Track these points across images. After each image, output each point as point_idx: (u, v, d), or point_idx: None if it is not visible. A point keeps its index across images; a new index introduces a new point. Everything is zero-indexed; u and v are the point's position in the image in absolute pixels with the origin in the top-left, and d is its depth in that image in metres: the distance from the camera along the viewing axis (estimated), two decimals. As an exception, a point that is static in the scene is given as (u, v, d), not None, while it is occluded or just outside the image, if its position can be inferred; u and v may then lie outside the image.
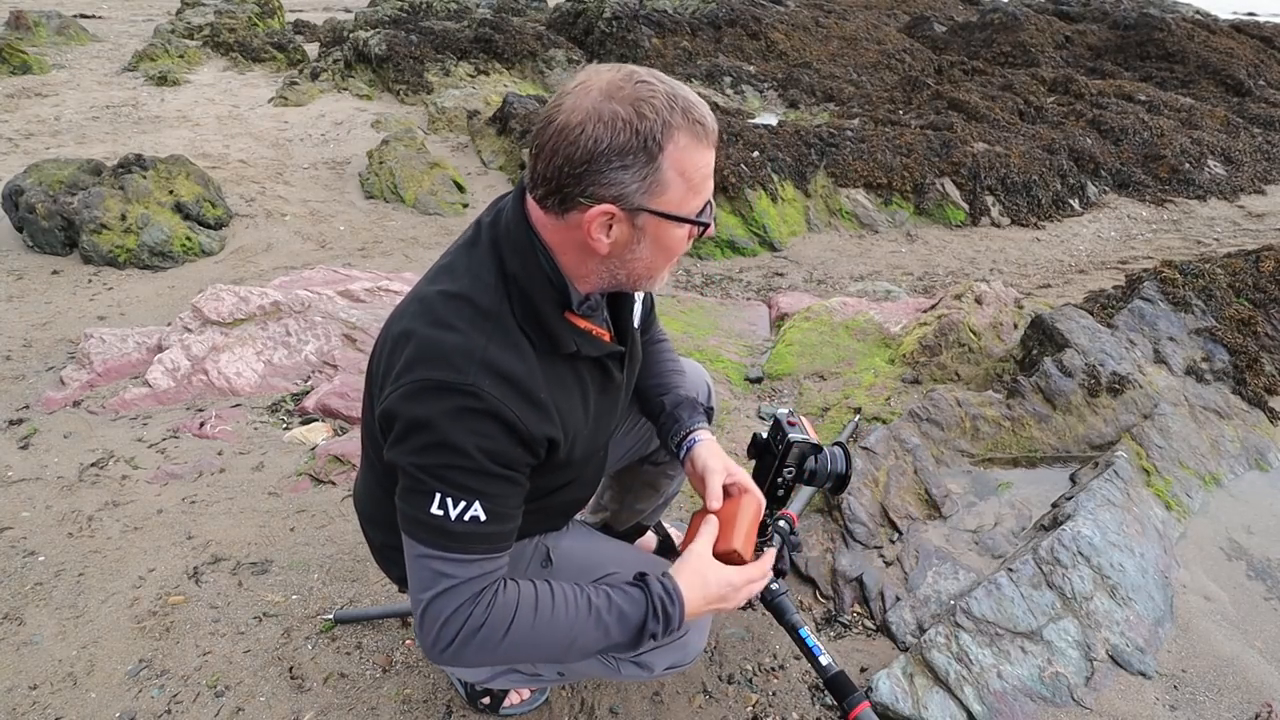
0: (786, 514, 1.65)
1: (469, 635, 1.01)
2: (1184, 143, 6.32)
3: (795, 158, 5.41)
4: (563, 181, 0.96)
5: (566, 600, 1.07)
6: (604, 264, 1.04)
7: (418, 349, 1.00)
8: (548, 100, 0.98)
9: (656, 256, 1.04)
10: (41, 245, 4.15)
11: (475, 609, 1.01)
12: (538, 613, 1.05)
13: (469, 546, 1.01)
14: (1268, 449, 2.34)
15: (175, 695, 1.62)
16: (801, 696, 1.65)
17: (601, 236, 0.99)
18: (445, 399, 0.97)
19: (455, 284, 1.04)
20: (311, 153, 6.00)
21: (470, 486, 0.99)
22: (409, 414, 0.98)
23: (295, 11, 12.91)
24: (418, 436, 0.98)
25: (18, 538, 2.07)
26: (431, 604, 1.01)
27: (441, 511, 0.99)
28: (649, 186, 0.97)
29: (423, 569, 1.02)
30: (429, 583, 1.01)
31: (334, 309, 3.20)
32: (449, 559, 1.01)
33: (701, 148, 0.98)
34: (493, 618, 1.02)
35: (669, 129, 0.94)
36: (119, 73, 8.21)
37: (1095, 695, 1.60)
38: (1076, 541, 1.81)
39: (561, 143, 0.94)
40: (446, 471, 0.98)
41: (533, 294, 1.03)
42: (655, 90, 0.94)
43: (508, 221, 1.06)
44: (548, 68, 7.98)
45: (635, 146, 0.94)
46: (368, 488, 1.30)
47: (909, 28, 10.51)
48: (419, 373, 0.98)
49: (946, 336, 2.79)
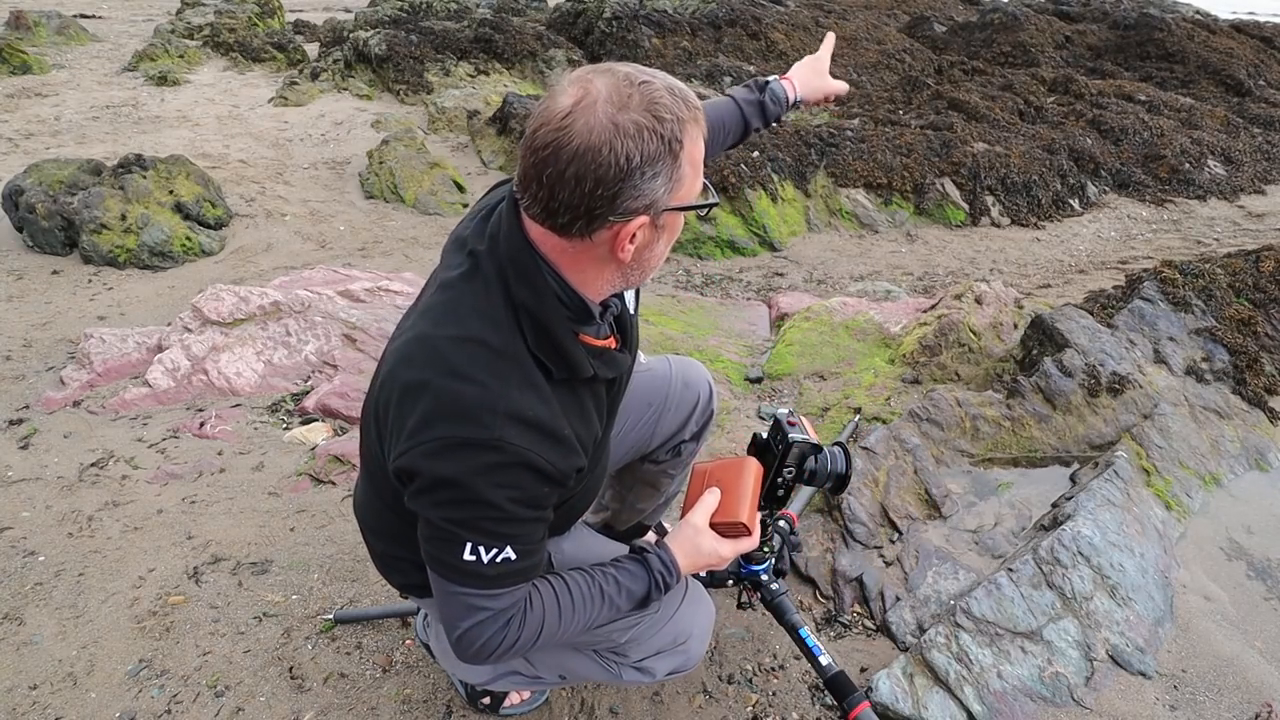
0: (786, 514, 1.66)
1: (505, 650, 1.07)
2: (1184, 143, 6.32)
3: (795, 158, 5.41)
4: (593, 205, 0.91)
5: (582, 594, 1.12)
6: (621, 270, 1.02)
7: (436, 404, 0.96)
8: (538, 123, 0.93)
9: (667, 245, 1.05)
10: (41, 245, 4.15)
11: (509, 630, 1.06)
12: (560, 615, 1.10)
13: (502, 583, 1.03)
14: (1268, 449, 2.34)
15: (175, 695, 1.62)
16: (801, 696, 1.65)
17: (629, 246, 0.97)
18: (472, 457, 0.94)
19: (463, 327, 0.99)
20: (311, 153, 5.99)
21: (502, 533, 1.00)
22: (434, 473, 0.96)
23: (295, 11, 12.91)
24: (445, 492, 0.97)
25: (18, 538, 2.07)
26: (467, 633, 1.05)
27: (474, 558, 1.00)
28: (673, 186, 0.95)
29: (456, 604, 1.05)
30: (463, 615, 1.04)
31: (334, 309, 3.20)
32: (483, 594, 1.03)
33: (700, 132, 0.97)
34: (525, 633, 1.07)
35: (683, 125, 0.93)
36: (119, 73, 8.21)
37: (1095, 695, 1.60)
38: (1076, 541, 1.81)
39: (587, 167, 0.89)
40: (479, 523, 0.99)
41: (545, 320, 0.99)
42: (658, 88, 0.92)
43: (507, 247, 1.00)
44: (548, 68, 7.97)
45: (662, 152, 0.92)
46: (368, 499, 1.29)
47: (909, 28, 10.51)
48: (440, 430, 0.95)
49: (946, 336, 2.79)
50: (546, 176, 0.90)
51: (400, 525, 1.20)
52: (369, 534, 1.33)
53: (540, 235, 0.98)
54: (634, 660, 1.31)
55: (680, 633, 1.30)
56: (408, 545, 1.23)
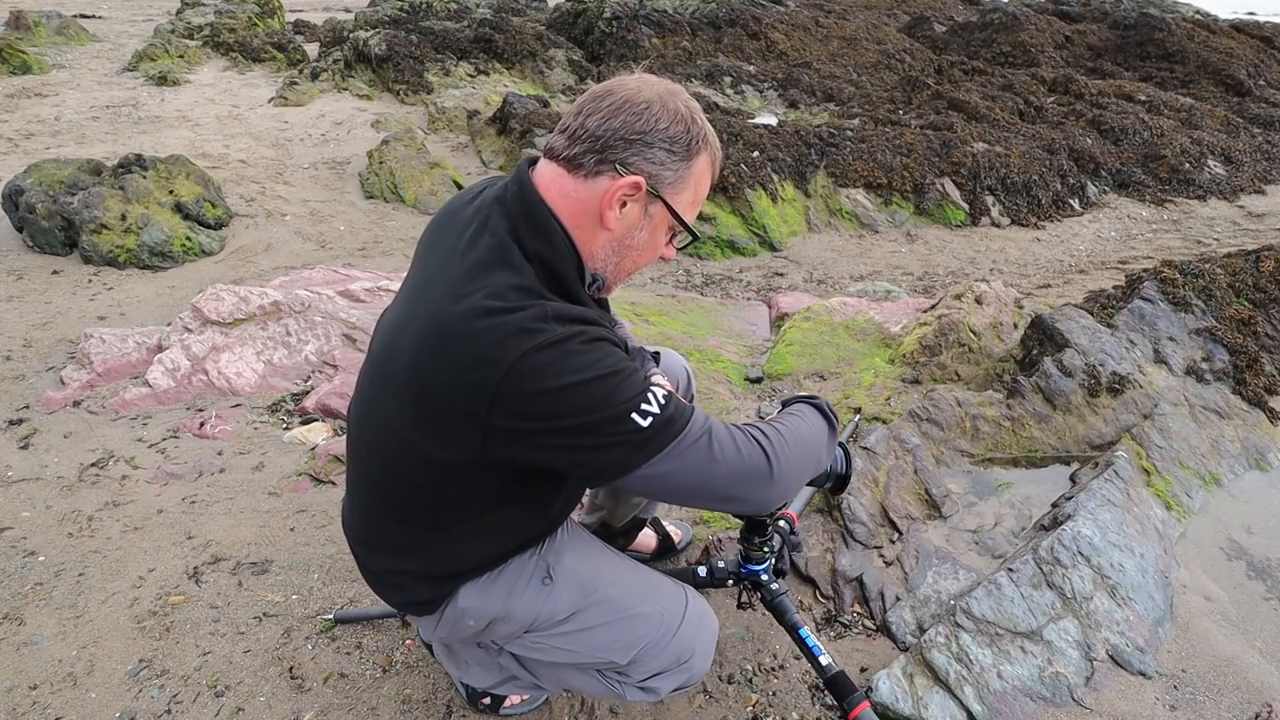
0: (786, 514, 1.66)
1: (774, 449, 1.07)
2: (1184, 143, 6.32)
3: (795, 158, 5.41)
4: (610, 142, 1.03)
5: (780, 419, 1.17)
6: (608, 243, 1.09)
7: (497, 338, 0.96)
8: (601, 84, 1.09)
9: (643, 252, 1.13)
10: (41, 245, 4.15)
11: (751, 435, 1.07)
12: (782, 423, 1.14)
13: (684, 413, 1.02)
14: (1268, 449, 2.34)
15: (175, 695, 1.62)
16: (801, 696, 1.65)
17: (617, 210, 1.06)
18: (560, 356, 0.96)
19: (488, 274, 1.01)
20: (311, 153, 6.00)
21: (639, 382, 1.00)
22: (544, 387, 0.95)
23: (295, 11, 12.91)
24: (572, 396, 0.96)
25: (18, 538, 2.07)
26: (735, 464, 1.04)
27: (649, 418, 0.98)
28: (676, 180, 1.08)
29: (694, 469, 1.02)
30: (708, 461, 1.02)
31: (334, 309, 3.20)
32: (690, 434, 1.01)
33: (711, 174, 1.12)
34: (768, 432, 1.09)
35: (705, 143, 1.09)
36: (119, 73, 8.21)
37: (1095, 695, 1.60)
38: (1076, 541, 1.81)
39: (624, 108, 1.03)
40: (618, 392, 0.98)
41: (558, 267, 1.05)
42: (700, 110, 1.09)
43: (519, 204, 1.06)
44: (548, 68, 7.97)
45: (684, 141, 1.06)
46: (361, 513, 1.26)
47: (909, 28, 10.51)
48: (514, 352, 0.94)
49: (946, 336, 2.79)
50: (587, 107, 1.05)
51: (411, 530, 1.19)
52: (364, 550, 1.30)
53: (549, 178, 1.07)
54: (637, 680, 1.29)
55: (683, 652, 1.28)
56: (410, 556, 1.22)
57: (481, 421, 0.97)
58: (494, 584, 1.24)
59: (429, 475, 1.10)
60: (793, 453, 1.10)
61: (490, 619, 1.25)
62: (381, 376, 1.13)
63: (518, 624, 1.25)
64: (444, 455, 1.04)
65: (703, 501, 1.12)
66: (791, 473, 1.09)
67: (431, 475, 1.09)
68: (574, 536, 1.37)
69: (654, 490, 1.07)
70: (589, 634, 1.26)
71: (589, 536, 1.43)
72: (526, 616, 1.25)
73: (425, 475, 1.10)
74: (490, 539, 1.21)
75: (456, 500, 1.13)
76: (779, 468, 1.06)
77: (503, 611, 1.24)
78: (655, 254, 1.15)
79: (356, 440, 1.23)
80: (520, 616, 1.24)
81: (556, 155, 1.07)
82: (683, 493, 1.07)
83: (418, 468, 1.09)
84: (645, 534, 1.94)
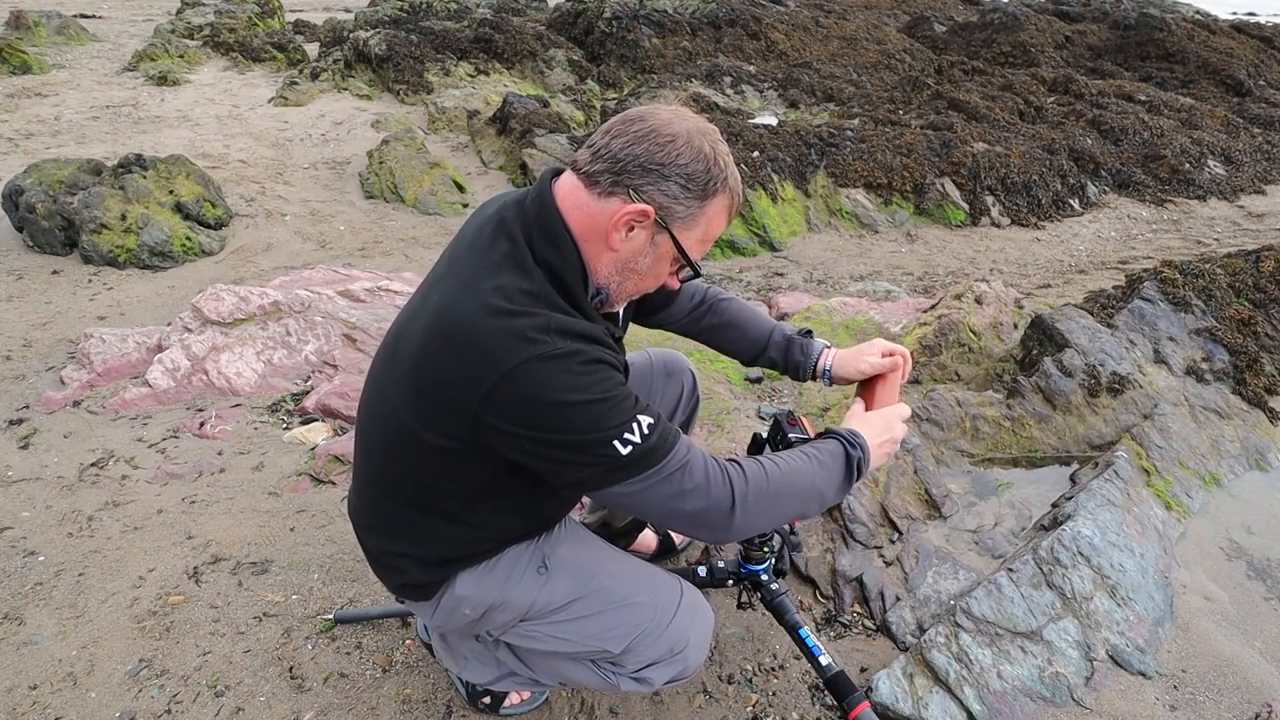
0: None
1: (744, 493, 1.08)
2: (1184, 143, 6.32)
3: (795, 158, 5.40)
4: (628, 166, 1.05)
5: (787, 459, 1.17)
6: (613, 262, 1.11)
7: (498, 343, 1.00)
8: (630, 111, 1.11)
9: (645, 278, 1.15)
10: (41, 245, 4.15)
11: (728, 474, 1.09)
12: (776, 466, 1.14)
13: (667, 442, 1.06)
14: (1268, 449, 2.34)
15: (175, 695, 1.62)
16: (801, 696, 1.65)
17: (623, 234, 1.08)
18: (556, 370, 0.99)
19: (498, 275, 1.06)
20: (311, 153, 5.99)
21: (628, 408, 1.03)
22: (534, 398, 0.99)
23: (295, 11, 12.91)
24: (563, 412, 1.00)
25: (18, 538, 2.07)
26: (700, 500, 1.06)
27: (628, 448, 1.02)
28: (688, 216, 1.09)
29: (664, 499, 1.06)
30: (676, 493, 1.06)
31: (334, 309, 3.20)
32: (667, 467, 1.05)
33: (727, 217, 1.14)
34: (748, 473, 1.10)
35: (724, 186, 1.10)
36: (119, 73, 8.21)
37: (1095, 695, 1.60)
38: (1076, 541, 1.81)
39: (649, 137, 1.05)
40: (598, 422, 1.01)
41: (564, 274, 1.07)
42: (727, 153, 1.12)
43: (536, 211, 1.09)
44: (548, 68, 7.97)
45: (702, 180, 1.08)
46: (365, 499, 1.30)
47: (909, 28, 10.51)
48: (514, 359, 0.99)
49: (946, 336, 2.79)
50: (616, 128, 1.07)
51: (408, 513, 1.22)
52: (367, 533, 1.33)
53: (568, 189, 1.10)
54: (630, 670, 1.30)
55: (677, 642, 1.29)
56: (407, 538, 1.25)
57: (472, 415, 1.02)
58: (491, 571, 1.27)
59: (424, 460, 1.13)
60: (768, 497, 1.11)
61: (487, 606, 1.27)
62: (391, 362, 1.17)
63: (513, 612, 1.28)
64: (437, 441, 1.08)
65: (667, 526, 1.18)
66: (758, 516, 1.12)
67: (426, 460, 1.13)
68: (571, 531, 1.39)
69: (625, 506, 1.11)
70: (583, 622, 1.28)
71: (587, 532, 1.43)
72: (522, 604, 1.27)
73: (421, 460, 1.13)
74: (484, 527, 1.24)
75: (449, 487, 1.17)
76: (741, 511, 1.09)
77: (499, 599, 1.26)
78: (658, 282, 1.18)
79: (365, 423, 1.26)
80: (516, 604, 1.27)
81: (578, 169, 1.10)
82: (650, 514, 1.13)
83: (414, 452, 1.13)
84: (646, 534, 1.94)
